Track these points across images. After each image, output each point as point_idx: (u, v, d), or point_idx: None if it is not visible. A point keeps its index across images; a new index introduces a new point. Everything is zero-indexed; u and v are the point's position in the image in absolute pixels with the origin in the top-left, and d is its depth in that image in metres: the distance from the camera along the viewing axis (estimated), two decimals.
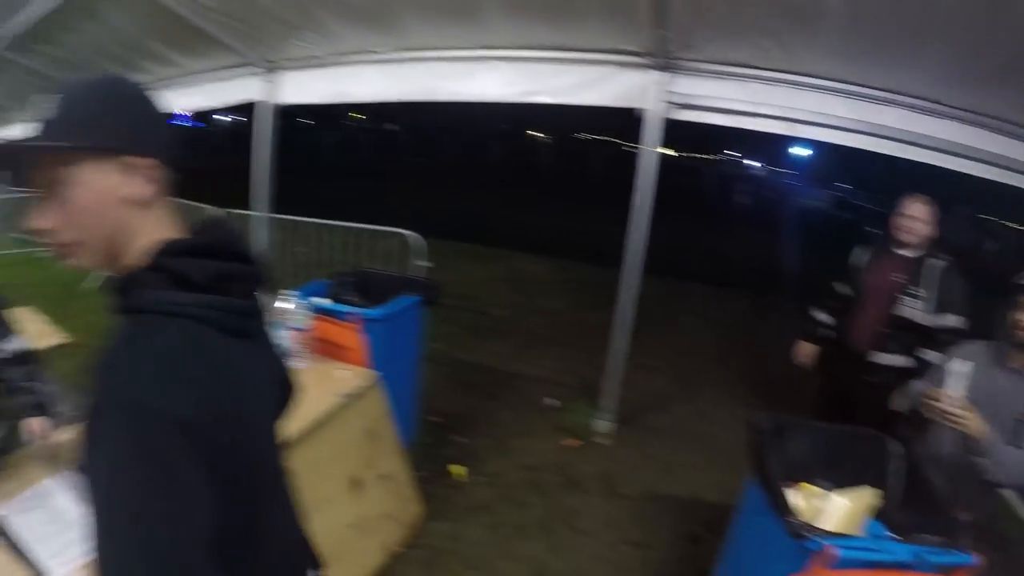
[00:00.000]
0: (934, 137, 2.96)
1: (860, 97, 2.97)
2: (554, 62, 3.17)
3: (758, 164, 44.13)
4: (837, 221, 20.82)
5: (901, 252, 2.70)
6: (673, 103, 3.05)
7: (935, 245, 2.71)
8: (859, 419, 2.37)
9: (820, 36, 2.58)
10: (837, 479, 1.93)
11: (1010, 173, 2.98)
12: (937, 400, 1.72)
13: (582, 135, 47.58)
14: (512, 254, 7.98)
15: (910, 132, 2.97)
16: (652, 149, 3.13)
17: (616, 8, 2.71)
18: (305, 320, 2.38)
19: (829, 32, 2.52)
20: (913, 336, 2.65)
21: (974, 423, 1.69)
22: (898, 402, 2.23)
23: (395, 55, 3.44)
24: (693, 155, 42.92)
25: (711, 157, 44.59)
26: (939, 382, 1.79)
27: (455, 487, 2.90)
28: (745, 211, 19.51)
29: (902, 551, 1.46)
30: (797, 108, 3.01)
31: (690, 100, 3.05)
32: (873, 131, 2.99)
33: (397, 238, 4.64)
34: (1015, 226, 26.95)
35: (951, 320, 2.59)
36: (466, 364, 4.36)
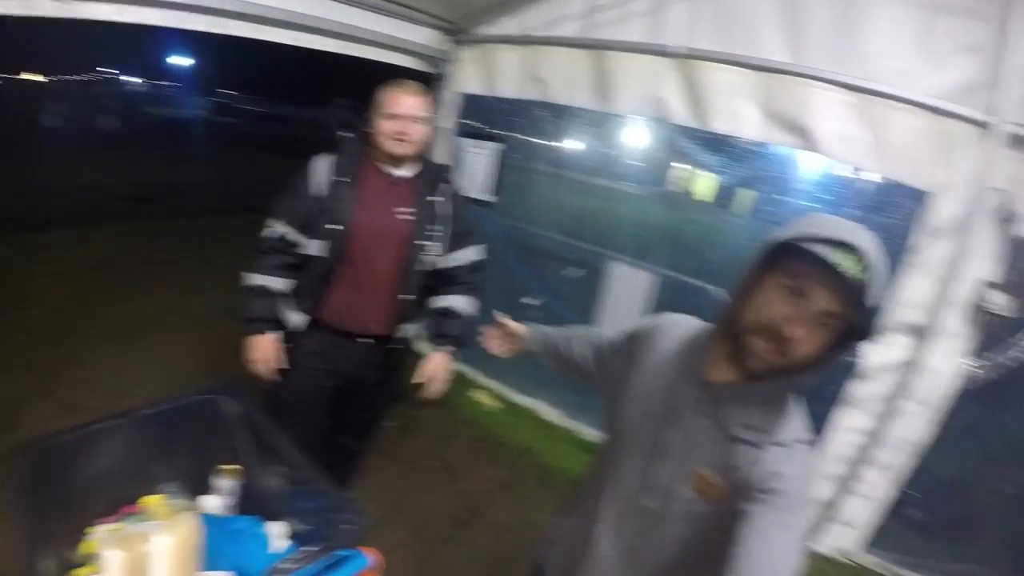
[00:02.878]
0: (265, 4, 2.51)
1: None
2: None
3: (138, 80, 39.86)
4: (220, 127, 21.33)
5: (396, 172, 1.90)
6: None
7: (428, 154, 2.03)
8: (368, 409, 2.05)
9: None
10: (189, 468, 1.50)
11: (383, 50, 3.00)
12: None
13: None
14: None
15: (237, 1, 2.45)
16: None
17: None
18: None
19: None
20: (429, 287, 2.01)
21: None
22: None
23: None
24: (64, 78, 35.08)
25: (83, 78, 36.64)
26: None
27: None
28: (116, 132, 17.42)
29: None
30: None
31: None
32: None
33: None
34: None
35: (471, 254, 2.04)
36: None
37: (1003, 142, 2.12)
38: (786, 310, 0.83)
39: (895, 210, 2.38)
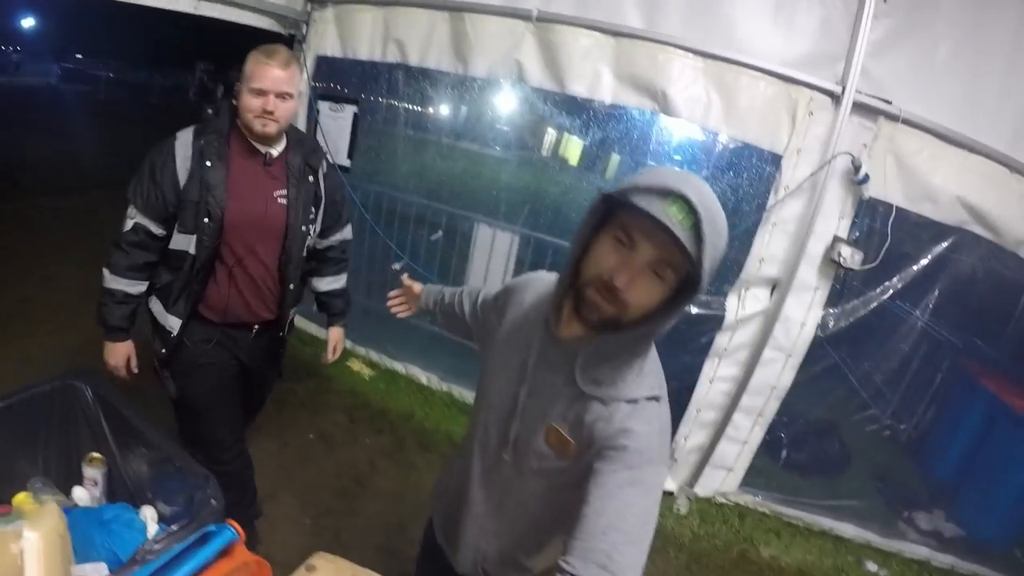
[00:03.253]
0: None
1: None
2: None
3: None
4: (70, 96, 18.99)
5: (267, 150, 1.69)
6: None
7: (295, 127, 1.81)
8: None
9: None
10: (55, 461, 1.47)
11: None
12: None
13: None
14: None
15: None
16: None
17: None
18: None
19: None
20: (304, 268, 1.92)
21: None
22: None
23: None
24: None
25: None
26: None
27: None
28: None
29: None
30: None
31: None
32: None
33: None
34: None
35: (347, 233, 2.01)
36: None
37: (852, 110, 2.25)
38: (615, 261, 0.81)
39: (753, 171, 2.48)
